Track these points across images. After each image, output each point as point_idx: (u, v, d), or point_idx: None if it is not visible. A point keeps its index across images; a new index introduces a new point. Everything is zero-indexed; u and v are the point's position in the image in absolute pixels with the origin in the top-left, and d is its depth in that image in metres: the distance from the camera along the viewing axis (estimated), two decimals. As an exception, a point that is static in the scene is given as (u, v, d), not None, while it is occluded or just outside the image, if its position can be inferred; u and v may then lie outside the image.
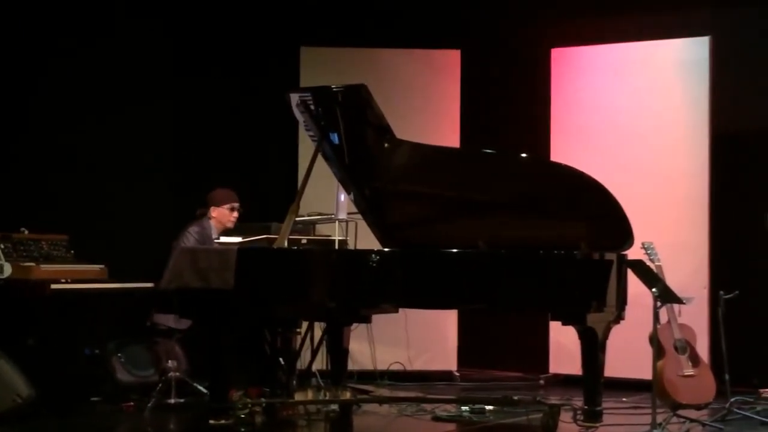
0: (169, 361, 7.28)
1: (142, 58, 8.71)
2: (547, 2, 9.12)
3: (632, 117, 8.57)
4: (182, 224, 7.58)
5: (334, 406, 7.19)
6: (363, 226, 7.41)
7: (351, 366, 7.73)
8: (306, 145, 7.97)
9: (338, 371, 7.37)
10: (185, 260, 6.54)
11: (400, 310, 7.35)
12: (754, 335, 8.10)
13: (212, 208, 7.62)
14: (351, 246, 7.73)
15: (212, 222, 7.62)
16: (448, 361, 8.98)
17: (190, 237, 7.45)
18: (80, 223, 7.74)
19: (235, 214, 7.64)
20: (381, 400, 7.39)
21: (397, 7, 9.31)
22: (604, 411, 6.46)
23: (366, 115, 6.63)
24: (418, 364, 8.84)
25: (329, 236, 7.85)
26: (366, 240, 7.48)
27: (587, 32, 8.89)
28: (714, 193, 8.31)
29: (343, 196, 7.41)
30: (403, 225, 7.06)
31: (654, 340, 6.55)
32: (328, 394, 7.21)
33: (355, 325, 7.57)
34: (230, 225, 7.66)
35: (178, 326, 7.30)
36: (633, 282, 6.44)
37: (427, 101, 9.04)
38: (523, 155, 6.67)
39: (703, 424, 6.73)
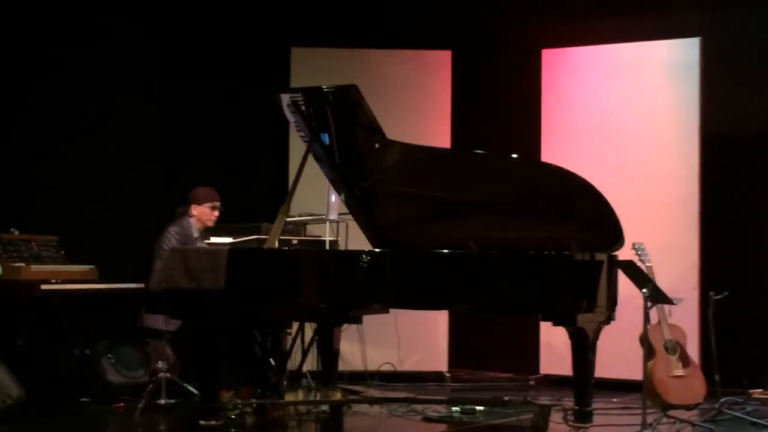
0: (159, 362, 7.26)
1: (132, 58, 8.70)
2: (538, 3, 9.12)
3: (623, 118, 8.57)
4: (172, 226, 7.60)
5: (325, 407, 7.19)
6: (354, 226, 7.41)
7: (341, 367, 7.72)
8: (297, 146, 7.97)
9: (329, 372, 7.37)
10: (176, 261, 6.54)
11: (391, 310, 7.35)
12: (744, 336, 8.11)
13: (193, 206, 7.60)
14: (342, 246, 7.74)
15: (192, 220, 7.61)
16: (439, 362, 8.98)
17: (171, 238, 7.45)
18: (70, 224, 7.73)
19: (216, 213, 7.63)
20: (371, 401, 7.39)
21: (388, 8, 9.31)
22: (595, 411, 6.48)
23: (357, 115, 6.63)
24: (409, 365, 8.84)
25: (320, 237, 7.84)
26: (357, 241, 7.48)
27: (578, 33, 8.90)
28: (704, 194, 8.32)
29: (333, 197, 7.42)
30: (394, 225, 7.06)
31: (644, 340, 6.56)
32: (318, 394, 7.21)
33: (345, 325, 7.57)
34: (210, 224, 7.65)
35: (167, 328, 7.29)
36: (623, 282, 6.45)
37: (417, 102, 9.04)
38: (514, 156, 6.68)
39: (694, 425, 6.74)
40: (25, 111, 7.99)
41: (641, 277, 6.36)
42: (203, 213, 7.61)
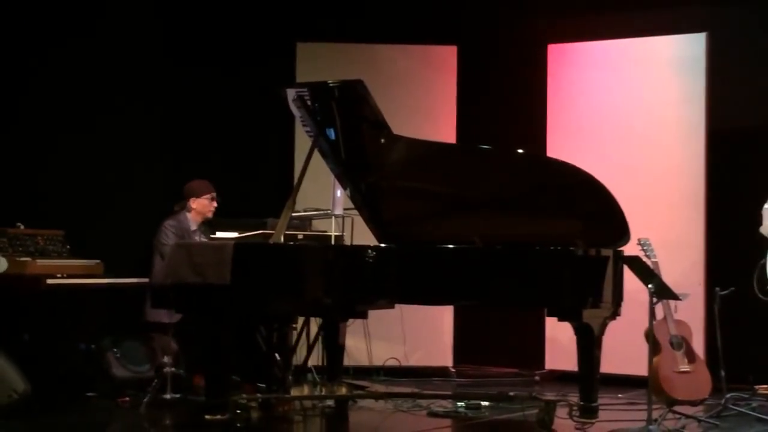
0: (165, 357, 7.27)
1: (136, 53, 8.70)
2: (544, -2, 9.14)
3: (629, 113, 8.57)
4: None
5: (330, 402, 7.20)
6: (359, 221, 7.41)
7: (347, 362, 7.71)
8: (302, 141, 7.98)
9: (334, 367, 7.37)
10: (181, 255, 6.53)
11: (396, 305, 7.34)
12: (750, 332, 8.09)
13: (192, 200, 7.59)
14: (347, 242, 7.73)
15: (191, 214, 7.59)
16: (444, 357, 8.98)
17: (168, 232, 7.44)
18: (76, 219, 7.74)
19: (215, 203, 7.63)
20: (377, 396, 7.40)
21: (394, 3, 9.29)
22: (600, 407, 6.47)
23: (363, 110, 6.63)
24: (414, 360, 8.84)
25: (325, 232, 7.84)
26: (362, 236, 7.48)
27: (584, 28, 8.89)
28: (710, 190, 8.32)
29: (339, 192, 7.41)
30: (400, 221, 7.06)
31: (650, 336, 6.55)
32: (323, 389, 7.21)
33: (351, 320, 7.56)
34: (210, 215, 7.65)
35: (171, 320, 7.29)
36: (629, 278, 6.44)
37: (423, 97, 9.04)
38: (520, 151, 6.68)
39: (699, 420, 6.73)
40: (29, 108, 8.00)
41: (647, 273, 6.36)
42: (203, 205, 7.60)
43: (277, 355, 7.13)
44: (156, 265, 7.32)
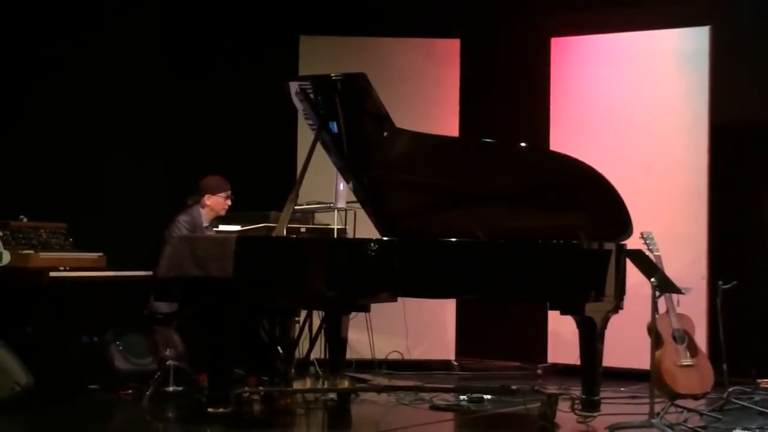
0: (168, 350, 7.27)
1: (139, 45, 8.69)
2: (547, -9, 9.13)
3: (631, 107, 8.56)
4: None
5: (333, 395, 7.20)
6: (362, 215, 7.42)
7: (349, 355, 7.73)
8: (305, 134, 7.97)
9: (336, 360, 7.38)
10: (184, 249, 6.54)
11: (399, 299, 7.35)
12: (753, 325, 8.10)
13: (207, 196, 7.59)
14: (350, 235, 7.73)
15: (204, 210, 7.59)
16: (447, 351, 8.98)
17: (181, 226, 7.44)
18: (79, 211, 7.74)
19: (229, 201, 7.63)
20: (379, 389, 7.39)
21: (397, -4, 9.31)
22: (602, 400, 6.49)
23: (365, 103, 6.63)
24: (417, 354, 8.84)
25: (328, 225, 7.84)
26: (365, 229, 7.48)
27: (587, 21, 8.88)
28: (713, 184, 8.30)
29: (342, 185, 7.42)
30: (402, 214, 7.06)
31: (652, 329, 6.55)
32: (326, 382, 7.22)
33: (353, 314, 7.57)
34: (223, 213, 7.66)
35: (171, 310, 7.30)
36: (632, 272, 6.45)
37: (426, 90, 9.03)
38: (522, 145, 6.68)
39: (701, 414, 6.73)
40: (34, 101, 7.99)
41: (649, 267, 6.35)
42: (217, 203, 7.60)
43: (279, 348, 7.14)
44: (164, 258, 7.32)
